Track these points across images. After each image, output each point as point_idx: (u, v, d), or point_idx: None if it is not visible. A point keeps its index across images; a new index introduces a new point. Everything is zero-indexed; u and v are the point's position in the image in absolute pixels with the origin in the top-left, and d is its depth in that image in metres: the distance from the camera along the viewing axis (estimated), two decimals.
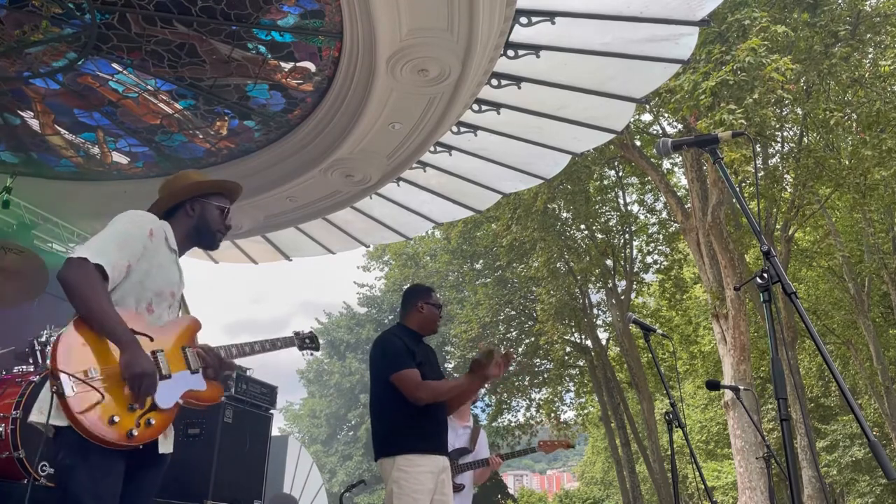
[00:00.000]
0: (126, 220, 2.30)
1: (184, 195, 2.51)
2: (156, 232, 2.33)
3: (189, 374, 2.27)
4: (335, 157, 5.70)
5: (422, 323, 3.54)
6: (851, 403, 1.67)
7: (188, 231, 2.50)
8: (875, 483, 17.42)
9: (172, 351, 2.24)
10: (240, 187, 2.68)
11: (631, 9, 4.68)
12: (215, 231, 2.55)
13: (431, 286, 3.84)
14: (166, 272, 2.34)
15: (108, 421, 1.95)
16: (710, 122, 8.82)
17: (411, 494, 3.14)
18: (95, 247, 2.14)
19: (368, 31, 4.29)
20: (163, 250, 2.35)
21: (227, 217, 2.59)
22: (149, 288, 2.27)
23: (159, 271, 2.31)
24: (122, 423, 1.98)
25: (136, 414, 2.03)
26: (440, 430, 3.36)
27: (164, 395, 2.12)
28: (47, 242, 6.75)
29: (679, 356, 20.30)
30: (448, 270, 20.31)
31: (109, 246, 2.17)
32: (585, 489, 36.75)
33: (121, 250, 2.18)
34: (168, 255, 2.38)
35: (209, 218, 2.53)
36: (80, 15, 4.26)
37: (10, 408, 3.71)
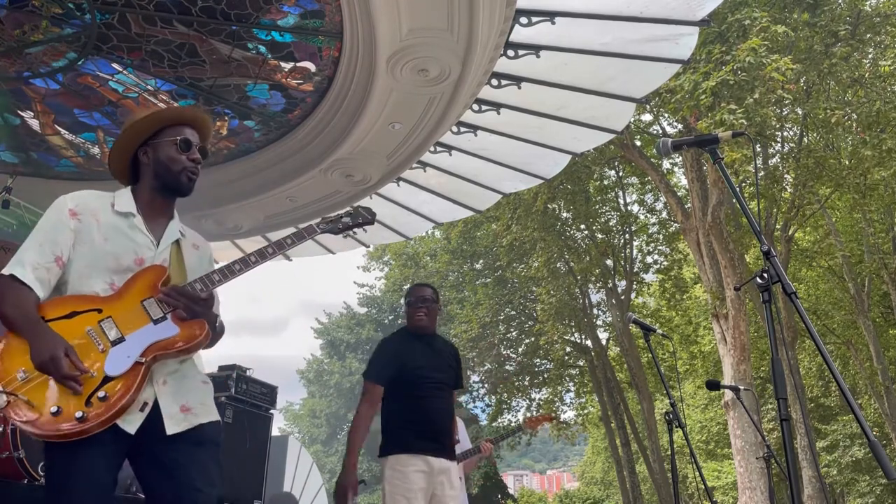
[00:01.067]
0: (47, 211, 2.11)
1: (127, 148, 2.19)
2: (80, 209, 2.10)
3: (152, 326, 2.02)
4: (335, 157, 5.70)
5: (409, 322, 3.70)
6: (851, 403, 1.67)
7: (150, 183, 2.18)
8: (875, 483, 17.41)
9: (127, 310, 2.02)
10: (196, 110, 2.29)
11: (631, 9, 4.69)
12: (177, 172, 2.15)
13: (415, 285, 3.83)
14: (118, 242, 2.08)
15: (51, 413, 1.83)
16: (711, 122, 8.82)
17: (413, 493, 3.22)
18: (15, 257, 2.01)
19: (368, 31, 4.29)
20: (105, 221, 2.10)
21: (189, 149, 2.17)
22: (100, 268, 2.05)
23: (106, 245, 2.06)
24: (67, 410, 1.83)
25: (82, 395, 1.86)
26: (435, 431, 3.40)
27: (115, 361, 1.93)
28: None
29: (679, 356, 20.30)
30: (448, 270, 20.31)
31: (27, 249, 2.03)
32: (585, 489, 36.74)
33: (40, 247, 2.02)
34: (116, 223, 2.11)
35: (165, 158, 2.15)
36: (80, 15, 4.26)
37: None
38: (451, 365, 3.65)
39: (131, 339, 1.99)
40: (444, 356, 3.65)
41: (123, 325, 2.00)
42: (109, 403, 1.88)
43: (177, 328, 2.04)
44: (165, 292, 2.05)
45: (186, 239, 2.28)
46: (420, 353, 3.56)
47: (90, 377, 1.89)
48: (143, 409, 1.96)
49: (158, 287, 2.08)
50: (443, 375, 3.55)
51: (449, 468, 3.39)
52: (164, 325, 2.04)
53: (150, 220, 2.17)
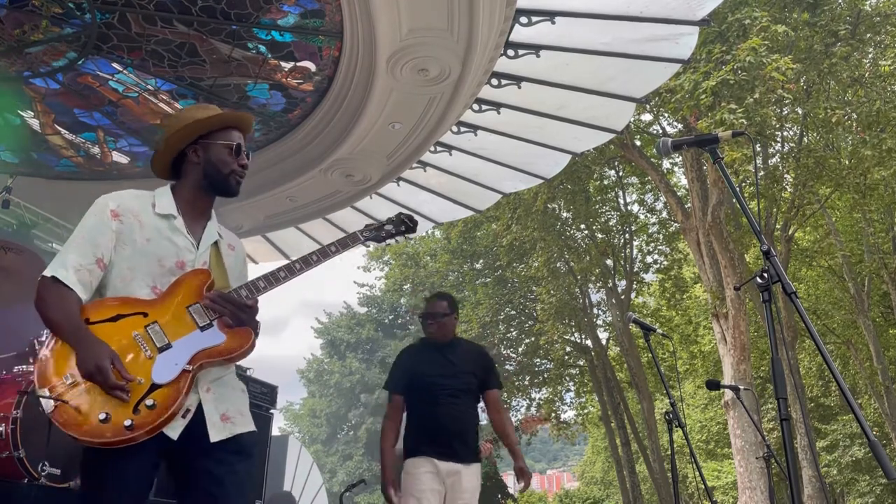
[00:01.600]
0: (89, 212, 2.06)
1: (181, 142, 2.15)
2: (122, 209, 2.05)
3: (199, 333, 1.99)
4: (335, 157, 5.71)
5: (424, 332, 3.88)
6: (851, 403, 1.67)
7: (196, 181, 2.15)
8: (875, 483, 17.41)
9: (173, 315, 1.99)
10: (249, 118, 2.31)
11: (631, 9, 4.68)
12: (227, 174, 2.14)
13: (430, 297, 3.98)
14: (159, 244, 2.04)
15: (99, 420, 1.80)
16: (711, 122, 8.82)
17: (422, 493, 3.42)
18: (57, 259, 1.97)
19: (368, 31, 4.29)
20: (147, 222, 2.05)
21: (240, 154, 2.17)
22: (143, 271, 2.01)
23: (148, 247, 2.02)
24: (115, 418, 1.80)
25: (131, 402, 1.82)
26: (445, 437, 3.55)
27: (163, 368, 1.90)
28: (47, 242, 6.74)
29: (679, 356, 20.29)
30: (448, 270, 20.30)
31: (69, 251, 1.97)
32: (585, 489, 36.74)
33: (82, 249, 1.97)
34: (157, 224, 2.07)
35: (216, 160, 2.13)
36: (80, 15, 4.26)
37: (10, 408, 3.71)
38: (471, 371, 3.71)
39: (178, 346, 1.95)
40: (463, 363, 3.73)
41: (170, 331, 1.96)
42: (157, 412, 1.85)
43: (223, 336, 2.01)
44: (212, 298, 2.03)
45: (223, 240, 2.27)
46: (433, 361, 3.74)
47: (138, 384, 1.85)
48: (186, 415, 1.94)
49: (203, 292, 2.05)
50: (457, 382, 3.65)
51: (459, 471, 3.49)
52: (211, 332, 2.01)
53: (189, 221, 2.13)
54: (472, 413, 3.70)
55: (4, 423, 3.66)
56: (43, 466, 3.74)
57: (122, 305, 1.98)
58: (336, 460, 30.01)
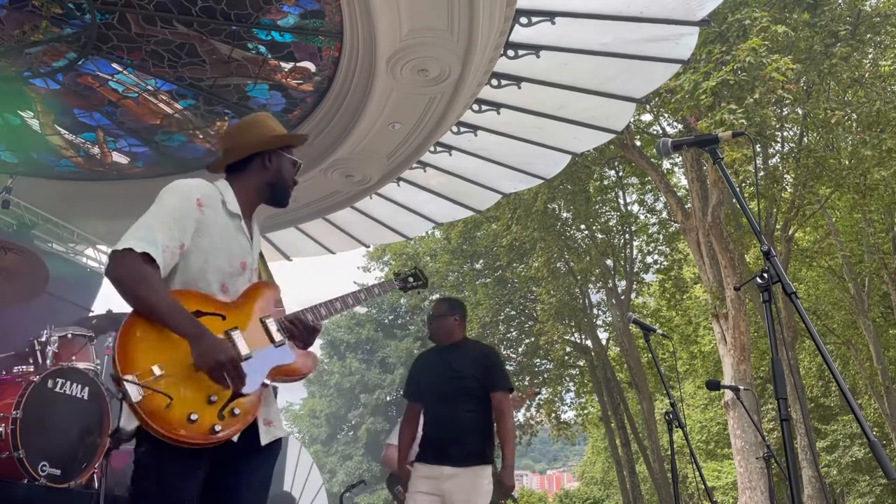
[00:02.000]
0: (170, 193, 2.00)
1: (262, 147, 2.22)
2: (206, 200, 2.03)
3: (273, 349, 2.02)
4: (335, 157, 5.71)
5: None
6: (851, 403, 1.67)
7: (260, 186, 2.22)
8: (875, 483, 17.40)
9: (250, 326, 2.00)
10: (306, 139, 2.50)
11: (631, 9, 4.68)
12: (287, 188, 2.28)
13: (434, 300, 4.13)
14: (230, 242, 2.07)
15: (186, 420, 1.76)
16: (711, 122, 8.82)
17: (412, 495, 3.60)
18: (140, 233, 1.88)
19: (368, 31, 4.29)
20: (220, 219, 2.07)
21: (298, 171, 2.33)
22: (215, 266, 2.02)
23: (221, 244, 2.04)
24: (203, 420, 1.78)
25: (216, 406, 1.82)
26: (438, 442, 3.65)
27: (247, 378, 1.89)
28: (47, 242, 6.75)
29: (679, 356, 20.28)
30: (448, 270, 20.28)
31: (155, 228, 1.90)
32: (585, 489, 36.70)
33: (169, 230, 1.92)
34: (228, 222, 2.09)
35: (285, 172, 2.26)
36: (80, 15, 4.26)
37: (10, 408, 3.71)
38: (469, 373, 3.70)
39: (258, 358, 1.96)
40: (461, 365, 3.73)
41: (250, 340, 1.96)
42: (240, 420, 1.87)
43: (293, 356, 2.07)
44: (291, 321, 2.11)
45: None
46: (432, 366, 3.85)
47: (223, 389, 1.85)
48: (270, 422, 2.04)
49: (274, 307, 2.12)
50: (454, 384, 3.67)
51: (453, 475, 3.51)
52: (283, 350, 2.05)
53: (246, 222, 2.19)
54: (472, 415, 3.64)
55: (4, 423, 3.66)
56: (43, 466, 3.74)
57: (203, 302, 1.96)
58: (336, 460, 30.01)
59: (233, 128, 2.30)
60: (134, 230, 1.90)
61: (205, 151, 5.96)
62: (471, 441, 3.60)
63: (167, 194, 2.01)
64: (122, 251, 1.85)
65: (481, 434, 3.65)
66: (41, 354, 4.39)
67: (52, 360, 4.30)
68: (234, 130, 2.29)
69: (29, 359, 4.47)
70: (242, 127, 2.29)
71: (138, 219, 1.95)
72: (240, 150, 2.22)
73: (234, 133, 2.28)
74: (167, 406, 1.75)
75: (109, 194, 6.34)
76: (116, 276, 1.85)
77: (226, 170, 2.25)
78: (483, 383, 3.70)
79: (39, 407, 3.80)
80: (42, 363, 4.34)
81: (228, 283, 2.04)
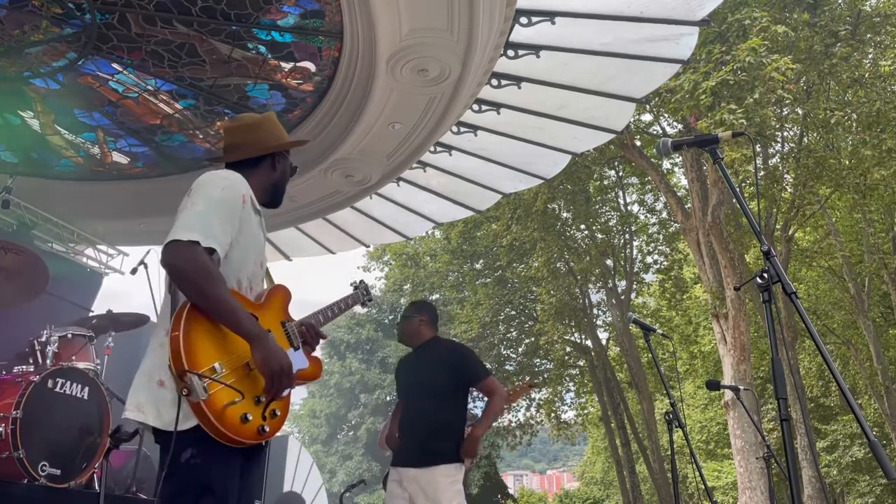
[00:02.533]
0: (220, 186, 1.97)
1: (277, 148, 2.25)
2: (247, 198, 2.04)
3: (293, 353, 2.05)
4: (335, 157, 5.70)
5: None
6: (851, 403, 1.67)
7: (266, 186, 2.23)
8: (875, 483, 17.40)
9: (275, 327, 2.03)
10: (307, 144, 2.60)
11: (631, 9, 4.68)
12: (283, 191, 2.33)
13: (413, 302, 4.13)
14: (258, 241, 2.09)
15: (242, 419, 1.79)
16: (711, 122, 8.82)
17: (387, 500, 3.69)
18: (200, 225, 1.84)
19: (368, 31, 4.28)
20: (253, 217, 2.07)
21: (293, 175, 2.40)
22: (249, 264, 2.03)
23: (253, 242, 2.04)
24: (255, 420, 1.83)
25: (262, 407, 1.86)
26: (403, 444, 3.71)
27: None
28: (47, 242, 6.75)
29: (679, 356, 20.29)
30: (448, 270, 20.29)
31: (214, 222, 1.87)
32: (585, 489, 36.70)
33: (224, 226, 1.90)
34: (254, 219, 2.09)
35: (286, 175, 2.31)
36: (80, 15, 4.26)
37: (10, 408, 3.71)
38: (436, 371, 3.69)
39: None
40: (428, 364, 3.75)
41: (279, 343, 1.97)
42: (279, 421, 1.92)
43: (307, 362, 2.13)
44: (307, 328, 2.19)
45: None
46: (405, 367, 3.95)
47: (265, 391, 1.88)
48: None
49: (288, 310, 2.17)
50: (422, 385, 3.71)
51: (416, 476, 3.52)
52: (299, 354, 2.10)
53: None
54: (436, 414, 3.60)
55: (4, 423, 3.66)
56: (43, 466, 3.74)
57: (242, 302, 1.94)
58: (336, 460, 30.01)
59: (242, 124, 2.27)
60: (191, 220, 1.85)
61: (205, 151, 5.95)
62: (433, 440, 3.54)
63: (215, 187, 1.96)
64: (188, 243, 1.80)
65: (447, 434, 3.57)
66: (41, 354, 4.40)
67: (52, 360, 4.31)
68: (245, 128, 2.26)
69: (29, 359, 4.47)
70: (254, 125, 2.26)
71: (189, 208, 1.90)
72: (253, 149, 2.21)
73: (245, 130, 2.25)
74: (230, 404, 1.76)
75: (109, 194, 6.33)
76: (181, 269, 1.80)
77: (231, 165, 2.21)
78: (457, 381, 3.68)
79: (39, 407, 3.81)
80: (42, 363, 4.34)
81: (254, 282, 2.06)
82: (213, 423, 1.74)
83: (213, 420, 1.73)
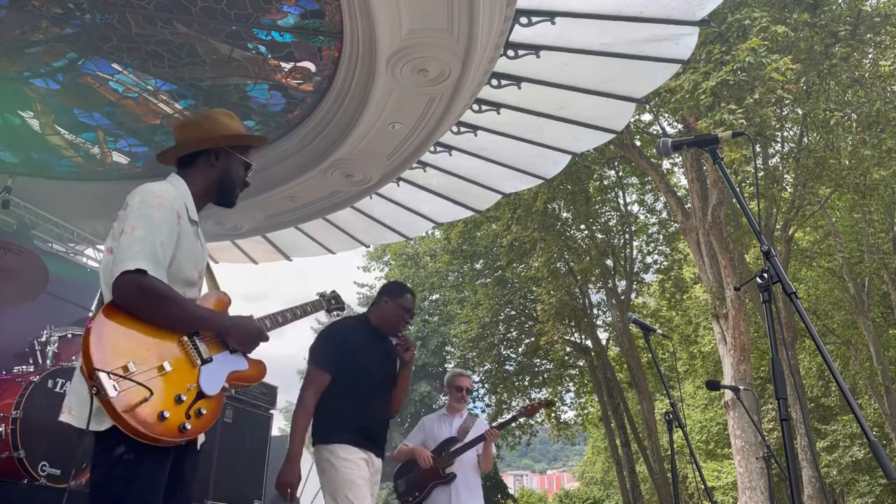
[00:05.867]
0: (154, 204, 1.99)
1: (212, 143, 2.19)
2: (180, 211, 2.05)
3: (229, 355, 2.10)
4: (335, 157, 5.70)
5: (379, 318, 3.54)
6: (851, 403, 1.67)
7: (207, 184, 2.20)
8: (875, 483, 17.40)
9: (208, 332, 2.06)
10: (267, 141, 2.46)
11: (631, 9, 4.68)
12: (236, 188, 2.26)
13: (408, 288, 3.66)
14: (193, 252, 2.09)
15: (159, 417, 1.80)
16: (710, 122, 8.82)
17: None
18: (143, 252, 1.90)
19: (368, 31, 4.28)
20: (186, 228, 2.08)
21: (249, 172, 2.30)
22: (182, 275, 2.05)
23: (187, 253, 2.06)
24: (173, 418, 1.83)
25: (184, 405, 1.87)
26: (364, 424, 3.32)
27: (209, 380, 1.98)
28: (47, 242, 6.75)
29: (679, 356, 20.30)
30: (448, 270, 20.30)
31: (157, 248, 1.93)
32: (585, 489, 36.74)
33: (165, 249, 1.96)
34: (192, 230, 2.11)
35: (233, 172, 2.23)
36: (80, 15, 4.26)
37: (10, 408, 3.72)
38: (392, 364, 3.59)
39: (218, 362, 2.05)
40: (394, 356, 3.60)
41: (210, 345, 2.05)
42: (205, 421, 1.93)
43: (246, 363, 2.16)
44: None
45: None
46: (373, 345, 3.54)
47: (188, 390, 1.91)
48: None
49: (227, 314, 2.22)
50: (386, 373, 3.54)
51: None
52: (237, 357, 2.14)
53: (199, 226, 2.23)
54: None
55: (4, 423, 3.67)
56: (43, 466, 3.74)
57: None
58: None
59: (187, 120, 2.30)
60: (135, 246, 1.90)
61: None
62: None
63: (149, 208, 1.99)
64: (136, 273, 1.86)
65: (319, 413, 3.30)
66: (41, 354, 4.40)
67: (52, 360, 4.31)
68: (187, 123, 2.26)
69: (29, 359, 4.47)
70: (194, 121, 2.26)
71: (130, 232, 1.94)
72: (188, 145, 2.20)
73: (186, 126, 2.25)
74: (142, 402, 1.78)
75: (109, 194, 6.34)
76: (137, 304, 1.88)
77: (177, 163, 2.22)
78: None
79: (39, 407, 3.81)
80: (42, 363, 4.35)
81: (189, 291, 2.09)
82: (126, 421, 1.75)
83: (126, 418, 1.75)
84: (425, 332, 27.65)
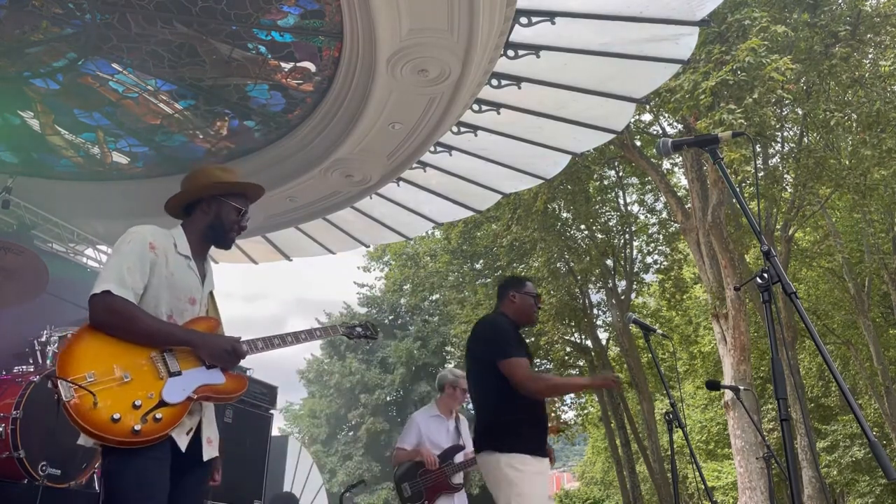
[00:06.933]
0: (127, 240, 2.30)
1: (202, 193, 2.50)
2: (157, 244, 2.33)
3: (204, 370, 2.29)
4: (335, 157, 5.70)
5: (515, 313, 3.60)
6: (851, 403, 1.67)
7: (204, 230, 2.50)
8: (875, 483, 17.39)
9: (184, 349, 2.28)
10: (262, 190, 2.66)
11: (631, 9, 4.68)
12: (228, 231, 2.53)
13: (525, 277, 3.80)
14: (178, 281, 2.35)
15: (110, 419, 2.00)
16: (710, 122, 8.82)
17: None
18: (111, 276, 2.18)
19: (368, 32, 4.28)
20: (171, 259, 2.35)
21: (243, 218, 2.56)
22: (164, 301, 2.30)
23: (170, 282, 2.32)
24: (125, 421, 2.03)
25: (140, 411, 2.07)
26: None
27: (173, 390, 2.17)
28: (47, 242, 6.75)
29: (679, 356, 20.29)
30: (448, 270, 20.27)
31: (123, 273, 2.20)
32: (585, 489, 36.68)
33: (132, 273, 2.22)
34: (179, 262, 2.38)
35: (224, 218, 2.51)
36: (80, 15, 4.26)
37: (10, 408, 3.72)
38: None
39: (187, 375, 2.24)
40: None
41: (182, 361, 2.25)
42: (161, 426, 2.10)
43: (223, 378, 2.33)
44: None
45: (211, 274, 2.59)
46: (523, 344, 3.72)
47: (148, 398, 2.10)
48: (189, 433, 2.25)
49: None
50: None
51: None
52: (214, 372, 2.32)
53: (196, 261, 2.47)
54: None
55: (4, 423, 3.67)
56: (43, 466, 3.74)
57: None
58: (336, 460, 29.98)
59: (189, 174, 2.58)
60: (105, 273, 2.21)
61: (205, 151, 5.96)
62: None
63: (124, 242, 2.29)
64: (102, 294, 2.14)
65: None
66: (41, 354, 4.40)
67: (52, 360, 4.31)
68: (188, 177, 2.57)
69: (29, 359, 4.47)
70: (190, 175, 2.56)
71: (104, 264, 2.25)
72: (184, 196, 2.52)
73: (187, 179, 2.55)
74: (94, 406, 1.99)
75: (109, 194, 6.33)
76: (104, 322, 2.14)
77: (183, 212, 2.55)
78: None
79: (39, 407, 3.81)
80: (42, 363, 4.35)
81: (176, 315, 2.33)
82: (80, 423, 1.97)
83: (80, 420, 1.97)
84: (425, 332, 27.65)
